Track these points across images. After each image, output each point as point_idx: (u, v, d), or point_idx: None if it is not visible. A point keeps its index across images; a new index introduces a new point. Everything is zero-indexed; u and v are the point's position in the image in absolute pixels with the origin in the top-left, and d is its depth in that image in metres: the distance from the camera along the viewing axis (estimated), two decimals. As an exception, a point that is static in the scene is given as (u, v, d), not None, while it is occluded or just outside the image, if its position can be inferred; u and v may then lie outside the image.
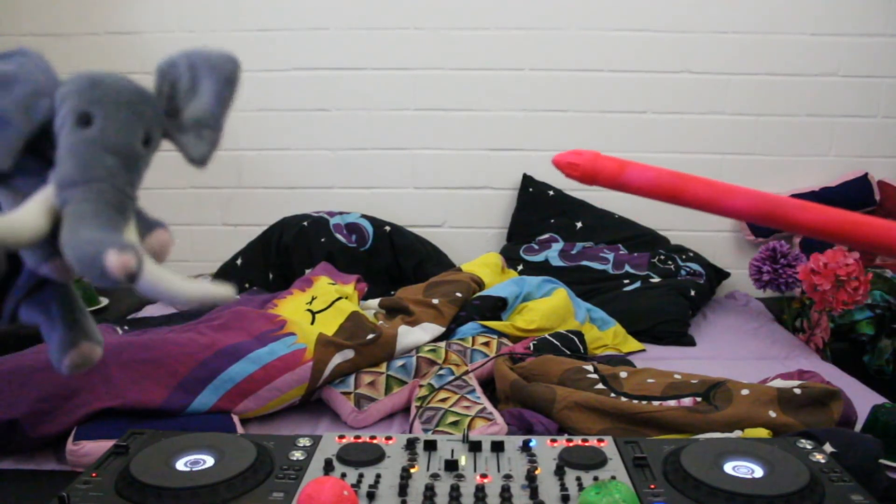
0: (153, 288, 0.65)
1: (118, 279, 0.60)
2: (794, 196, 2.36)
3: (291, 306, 1.69)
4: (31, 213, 0.64)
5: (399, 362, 1.49)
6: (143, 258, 0.62)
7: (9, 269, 0.73)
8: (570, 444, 0.96)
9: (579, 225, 2.36)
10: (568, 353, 1.57)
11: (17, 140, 0.66)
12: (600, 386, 1.36)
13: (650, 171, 0.65)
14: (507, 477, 0.87)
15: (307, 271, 1.97)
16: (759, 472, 0.87)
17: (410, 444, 0.95)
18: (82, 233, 0.62)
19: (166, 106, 0.73)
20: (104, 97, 0.67)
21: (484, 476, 0.87)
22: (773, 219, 0.64)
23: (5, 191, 0.69)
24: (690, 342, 1.93)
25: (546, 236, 2.36)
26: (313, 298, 1.72)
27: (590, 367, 1.41)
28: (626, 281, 2.17)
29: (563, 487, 0.84)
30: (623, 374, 1.41)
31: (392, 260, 2.21)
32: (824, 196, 2.35)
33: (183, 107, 0.74)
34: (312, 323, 1.62)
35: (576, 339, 1.64)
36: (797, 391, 1.25)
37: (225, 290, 0.69)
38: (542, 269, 2.22)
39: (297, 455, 0.93)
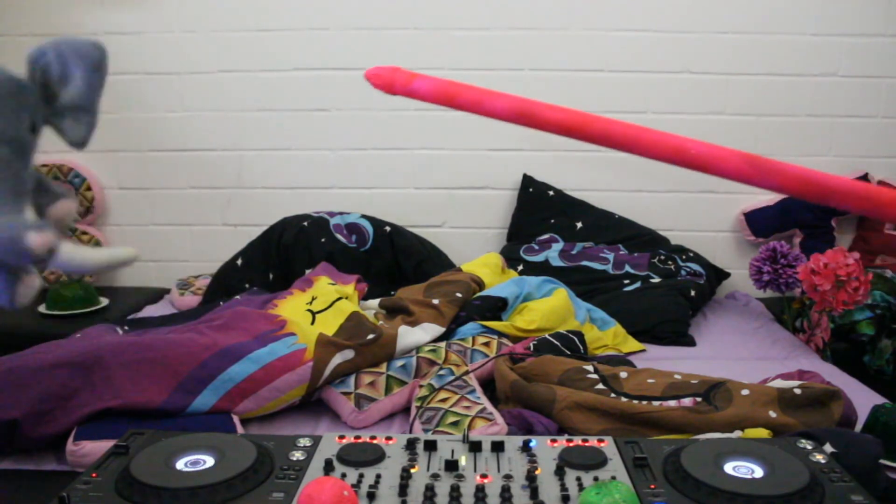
0: (67, 261, 0.73)
1: (40, 256, 0.67)
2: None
3: (291, 306, 1.69)
4: None
5: (399, 362, 1.49)
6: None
7: None
8: (571, 445, 0.96)
9: (579, 225, 2.36)
10: (568, 353, 1.57)
11: None
12: (600, 386, 1.36)
13: (433, 81, 0.78)
14: (508, 477, 0.87)
15: (307, 271, 1.97)
16: (759, 472, 0.87)
17: (410, 445, 0.95)
18: None
19: (41, 93, 0.77)
20: None
21: (484, 476, 0.87)
22: (526, 116, 0.77)
23: None
24: (690, 342, 1.93)
25: (546, 236, 2.35)
26: (313, 298, 1.72)
27: (590, 368, 1.41)
28: (627, 281, 2.17)
29: (564, 487, 0.84)
30: (623, 375, 1.41)
31: (392, 260, 2.21)
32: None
33: (57, 93, 0.78)
34: (312, 323, 1.62)
35: (576, 340, 1.64)
36: (797, 391, 1.25)
37: (127, 252, 0.79)
38: (542, 269, 2.22)
39: (298, 455, 0.92)
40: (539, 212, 2.39)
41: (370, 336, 1.52)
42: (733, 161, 0.69)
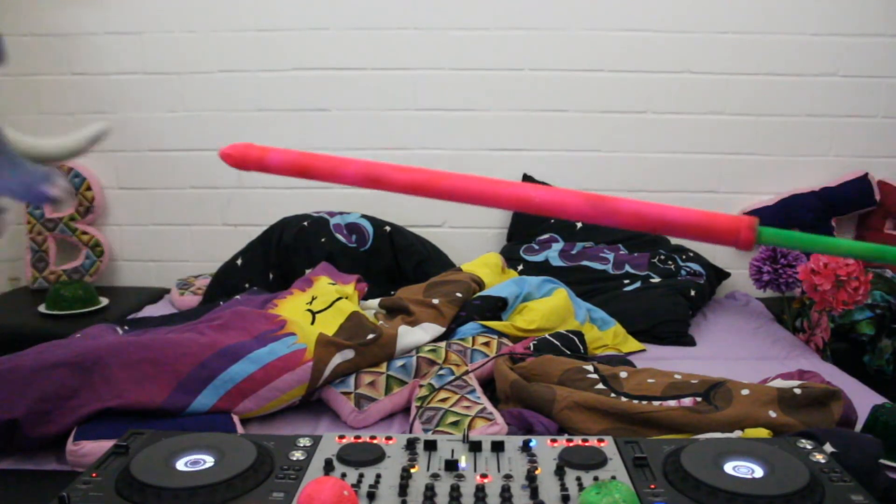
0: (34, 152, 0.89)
1: (58, 200, 0.83)
2: (795, 196, 2.37)
3: (291, 306, 1.69)
4: None
5: (399, 362, 1.49)
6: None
7: None
8: (571, 444, 0.96)
9: (579, 225, 2.36)
10: (568, 353, 1.57)
11: None
12: (600, 386, 1.36)
13: (285, 154, 0.80)
14: (508, 477, 0.87)
15: (307, 271, 1.97)
16: (759, 472, 0.87)
17: (410, 444, 0.95)
18: (12, 176, 0.80)
19: None
20: None
21: (484, 476, 0.87)
22: (374, 180, 0.80)
23: None
24: (690, 342, 1.93)
25: (546, 236, 2.36)
26: (313, 298, 1.72)
27: (590, 367, 1.41)
28: (627, 281, 2.17)
29: (564, 487, 0.84)
30: (623, 374, 1.41)
31: (392, 260, 2.21)
32: (824, 196, 2.35)
33: None
34: (312, 323, 1.62)
35: (576, 339, 1.64)
36: (797, 391, 1.25)
37: (97, 127, 0.92)
38: (542, 269, 2.22)
39: (298, 455, 0.92)
40: (539, 212, 2.38)
41: (370, 336, 1.52)
42: (575, 204, 0.73)
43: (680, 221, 0.70)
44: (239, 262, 2.20)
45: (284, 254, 2.14)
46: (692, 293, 2.09)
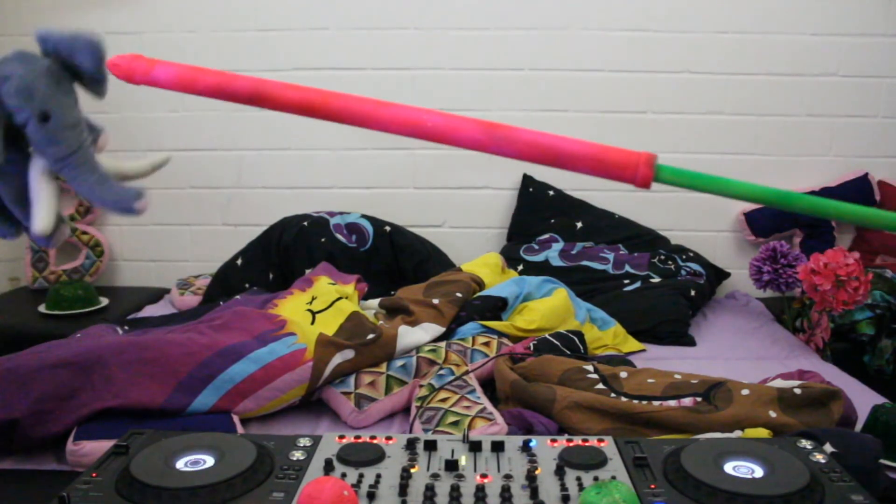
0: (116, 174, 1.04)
1: (140, 211, 1.01)
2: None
3: (291, 306, 1.69)
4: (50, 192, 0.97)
5: (399, 362, 1.49)
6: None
7: None
8: (571, 444, 0.96)
9: (579, 225, 2.36)
10: (568, 353, 1.57)
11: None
12: (600, 386, 1.36)
13: (172, 67, 0.78)
14: (508, 477, 0.87)
15: (307, 271, 1.97)
16: (759, 472, 0.87)
17: (411, 444, 0.95)
18: (105, 189, 0.98)
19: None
20: (48, 95, 0.92)
21: (484, 476, 0.87)
22: (261, 97, 0.76)
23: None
24: (690, 342, 1.93)
25: (546, 236, 2.35)
26: (313, 298, 1.72)
27: (590, 367, 1.41)
28: (627, 281, 2.17)
29: (564, 487, 0.84)
30: (623, 374, 1.41)
31: (392, 260, 2.21)
32: (824, 196, 2.34)
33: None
34: (312, 323, 1.62)
35: (576, 339, 1.64)
36: (797, 391, 1.25)
37: (161, 157, 1.13)
38: (542, 269, 2.22)
39: (298, 455, 0.92)
40: (539, 211, 2.39)
41: (370, 336, 1.52)
42: (469, 131, 0.71)
43: (576, 153, 0.68)
44: (239, 262, 2.20)
45: (284, 254, 2.14)
46: (692, 293, 2.09)
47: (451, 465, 0.89)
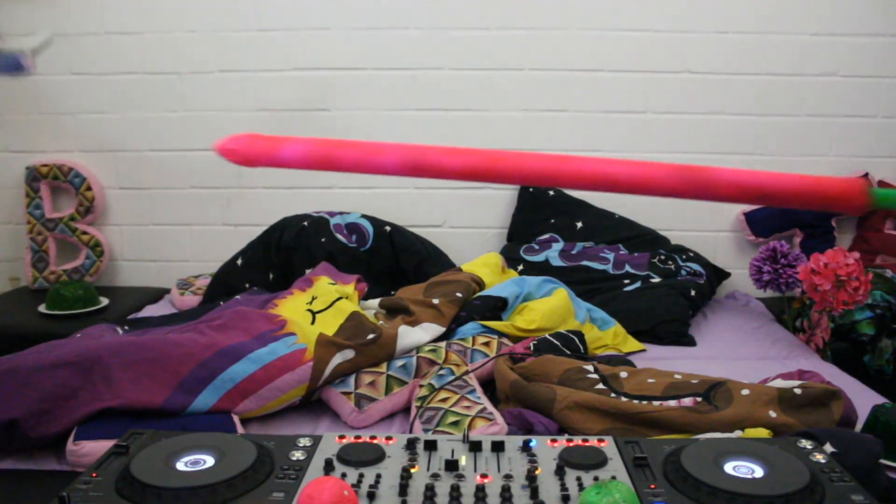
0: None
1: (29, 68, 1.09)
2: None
3: (292, 306, 1.69)
4: None
5: (399, 362, 1.49)
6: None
7: None
8: (571, 444, 0.96)
9: (579, 225, 2.36)
10: (568, 353, 1.57)
11: None
12: (600, 386, 1.36)
13: (304, 145, 0.65)
14: (508, 477, 0.87)
15: (307, 271, 1.97)
16: (759, 472, 0.87)
17: (411, 444, 0.95)
18: None
19: None
20: None
21: (484, 476, 0.87)
22: (420, 168, 0.65)
23: None
24: (690, 342, 1.93)
25: (546, 236, 2.35)
26: (313, 298, 1.72)
27: (590, 367, 1.41)
28: (627, 281, 2.17)
29: (564, 487, 0.84)
30: (623, 374, 1.41)
31: (392, 260, 2.21)
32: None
33: None
34: (313, 323, 1.62)
35: (576, 339, 1.64)
36: (797, 391, 1.25)
37: (46, 33, 1.31)
38: (543, 269, 2.22)
39: (298, 455, 0.92)
40: (539, 212, 2.39)
41: (370, 336, 1.52)
42: (663, 178, 0.63)
43: (786, 190, 0.62)
44: (239, 262, 2.20)
45: (284, 254, 2.14)
46: (692, 293, 2.09)
47: (452, 465, 0.89)
